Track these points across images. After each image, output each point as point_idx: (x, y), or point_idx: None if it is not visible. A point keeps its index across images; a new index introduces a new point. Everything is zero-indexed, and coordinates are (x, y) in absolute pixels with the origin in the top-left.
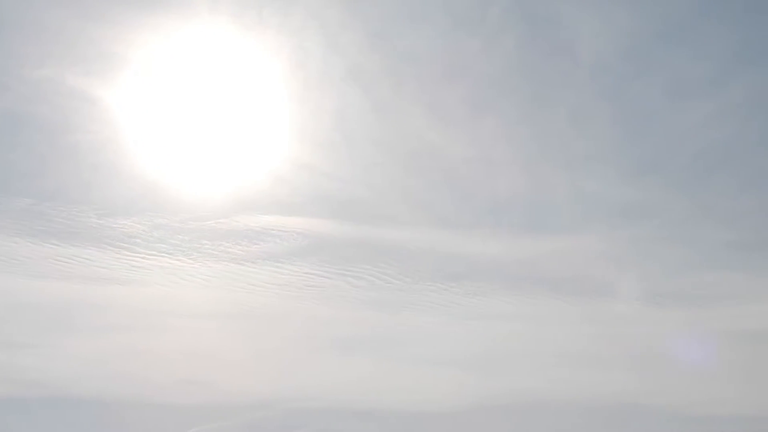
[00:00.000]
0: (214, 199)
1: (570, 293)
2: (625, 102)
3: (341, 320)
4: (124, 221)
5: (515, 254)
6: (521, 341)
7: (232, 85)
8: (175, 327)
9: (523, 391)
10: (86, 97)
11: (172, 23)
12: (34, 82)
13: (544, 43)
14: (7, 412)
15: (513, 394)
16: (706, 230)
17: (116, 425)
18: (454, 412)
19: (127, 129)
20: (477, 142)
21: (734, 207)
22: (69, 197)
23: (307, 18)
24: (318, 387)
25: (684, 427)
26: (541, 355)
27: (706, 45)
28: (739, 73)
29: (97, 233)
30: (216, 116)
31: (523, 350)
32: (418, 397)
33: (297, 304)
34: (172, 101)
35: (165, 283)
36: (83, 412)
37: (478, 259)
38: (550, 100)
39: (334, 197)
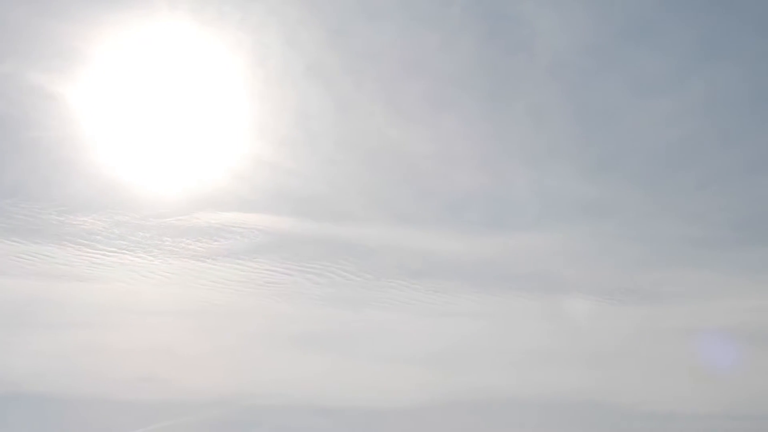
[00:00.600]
0: (175, 196)
1: (532, 290)
2: (585, 99)
3: (302, 317)
4: (85, 218)
5: (477, 251)
6: (484, 338)
7: (193, 81)
8: (135, 324)
9: (485, 388)
10: (46, 93)
11: (132, 19)
12: None
13: (504, 39)
14: None
15: (476, 391)
16: (667, 227)
17: (75, 422)
18: (415, 409)
19: (88, 126)
20: (437, 138)
21: (695, 204)
22: (29, 194)
23: (267, 14)
24: (278, 384)
25: (644, 424)
26: (503, 352)
27: (666, 42)
28: (699, 69)
29: (57, 230)
30: (176, 113)
31: (486, 347)
32: (379, 394)
33: (257, 300)
34: (132, 98)
35: (126, 280)
36: (42, 408)
37: (440, 256)
38: (511, 96)
39: (294, 194)
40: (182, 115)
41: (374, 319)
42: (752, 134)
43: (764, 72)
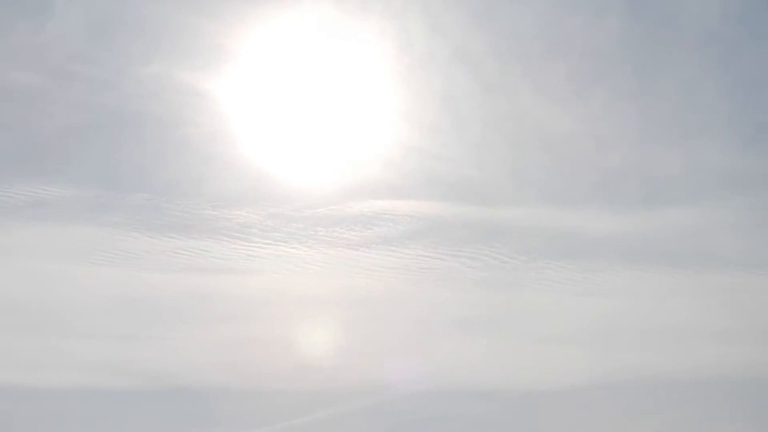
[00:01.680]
0: (326, 186)
1: (686, 266)
2: (736, 70)
3: (457, 301)
4: (239, 212)
5: (630, 229)
6: (638, 316)
7: (339, 72)
8: (292, 314)
9: (640, 367)
10: (195, 91)
11: (276, 13)
12: (142, 79)
13: (651, 13)
14: (126, 404)
15: (631, 370)
16: None
17: (234, 413)
18: (573, 390)
19: (237, 120)
20: (585, 117)
21: None
22: (183, 191)
23: (410, 1)
24: (434, 369)
25: None
26: (658, 330)
27: None
28: None
29: (212, 225)
30: (324, 103)
31: (641, 325)
32: (536, 376)
33: (412, 287)
34: (279, 91)
35: (281, 271)
36: (201, 401)
37: (593, 235)
38: (659, 70)
39: (444, 179)
40: (330, 106)
41: (529, 300)
42: None
43: None
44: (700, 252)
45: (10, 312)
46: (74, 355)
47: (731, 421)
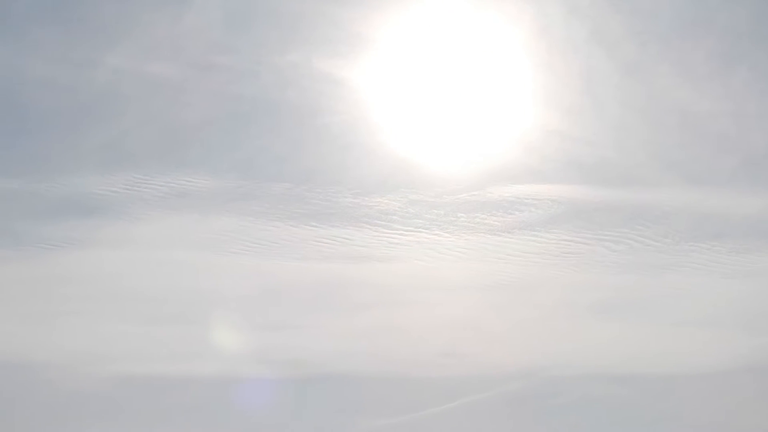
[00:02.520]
0: (466, 171)
1: None
2: None
3: (600, 285)
4: (380, 199)
5: None
6: None
7: (476, 56)
8: (434, 301)
9: None
10: (333, 79)
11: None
12: (282, 68)
13: None
14: (274, 392)
15: None
16: None
17: (377, 401)
18: (718, 373)
19: (376, 108)
20: (728, 96)
21: None
22: (324, 179)
23: None
24: (577, 354)
25: None
26: None
27: None
28: None
29: (353, 212)
30: (462, 88)
31: None
32: (680, 359)
33: (555, 272)
34: (417, 77)
35: (423, 258)
36: (346, 389)
37: (739, 215)
38: None
39: (585, 162)
40: (468, 91)
41: (675, 283)
42: None
43: None
44: None
45: (153, 303)
46: (217, 345)
47: None
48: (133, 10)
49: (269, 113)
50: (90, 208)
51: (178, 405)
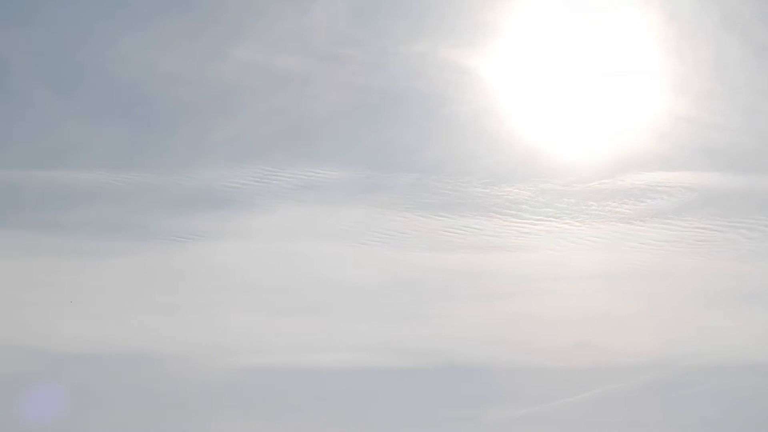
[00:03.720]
0: (597, 159)
1: None
2: None
3: (735, 274)
4: (509, 188)
5: None
6: None
7: (605, 43)
8: (566, 290)
9: None
10: (460, 68)
11: None
12: (409, 58)
13: None
14: (401, 383)
15: None
16: None
17: (509, 391)
18: None
19: (503, 96)
20: None
21: None
22: (452, 169)
23: None
24: (712, 343)
25: None
26: None
27: None
28: None
29: (483, 202)
30: (591, 76)
31: None
32: None
33: (688, 259)
34: (545, 65)
35: (553, 247)
36: (476, 379)
37: None
38: None
39: (717, 148)
40: (597, 78)
41: None
42: None
43: None
44: None
45: (283, 294)
46: (348, 336)
47: None
48: (259, 3)
49: (396, 104)
50: (220, 200)
51: (308, 396)
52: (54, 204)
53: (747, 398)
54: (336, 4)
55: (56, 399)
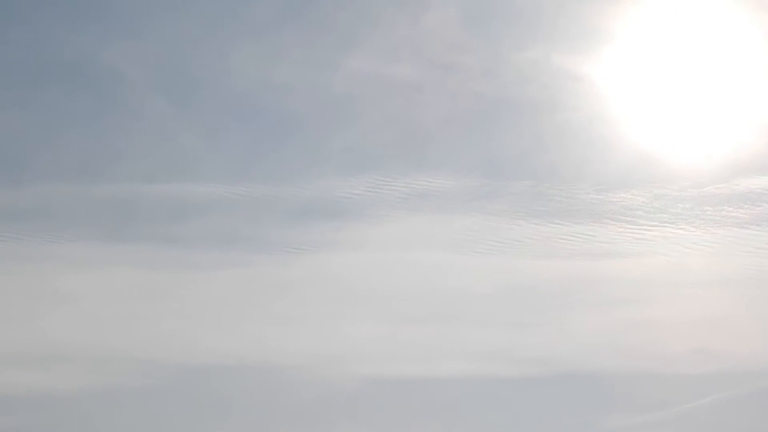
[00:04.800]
0: (712, 164)
1: None
2: None
3: None
4: (623, 194)
5: None
6: None
7: (716, 45)
8: (682, 296)
9: None
10: (573, 74)
11: None
12: (521, 65)
13: None
14: (519, 391)
15: None
16: None
17: (626, 398)
18: None
19: (616, 102)
20: None
21: None
22: (565, 176)
23: None
24: None
25: None
26: None
27: None
28: None
29: (596, 209)
30: (705, 79)
31: None
32: None
33: None
34: (657, 69)
35: (669, 253)
36: (593, 386)
37: None
38: None
39: None
40: (710, 81)
41: None
42: None
43: None
44: None
45: (398, 304)
46: (464, 344)
47: None
48: (372, 12)
49: (509, 111)
50: (333, 211)
51: (424, 405)
52: (170, 217)
53: None
54: (449, 11)
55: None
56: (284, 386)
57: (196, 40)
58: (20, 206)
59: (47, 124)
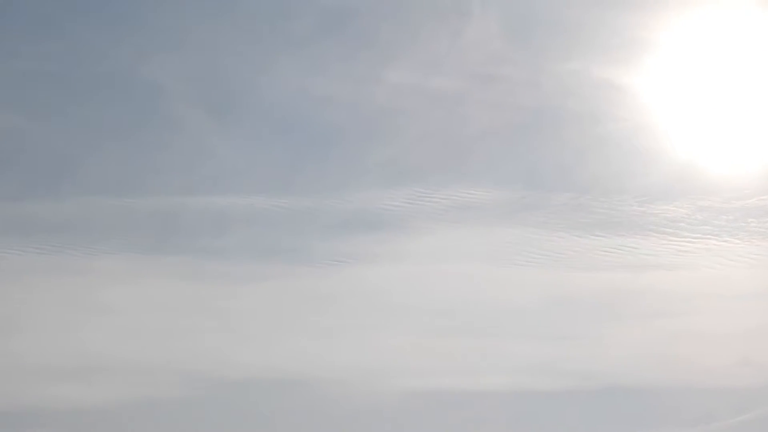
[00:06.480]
0: (756, 174)
1: None
2: None
3: None
4: (666, 206)
5: None
6: None
7: (759, 55)
8: (726, 309)
9: None
10: (614, 85)
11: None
12: (562, 76)
13: None
14: (561, 405)
15: None
16: None
17: (670, 412)
18: None
19: (658, 113)
20: None
21: None
22: (607, 187)
23: None
24: None
25: None
26: None
27: None
28: None
29: (639, 220)
30: (746, 89)
31: None
32: None
33: None
34: (699, 79)
35: (713, 266)
36: (637, 400)
37: None
38: None
39: None
40: (753, 91)
41: None
42: None
43: None
44: None
45: (438, 316)
46: (506, 358)
47: None
48: (412, 24)
49: (550, 122)
50: (374, 223)
51: (466, 419)
52: (210, 229)
53: None
54: (489, 23)
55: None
56: (323, 400)
57: (237, 52)
58: (60, 219)
59: (87, 137)
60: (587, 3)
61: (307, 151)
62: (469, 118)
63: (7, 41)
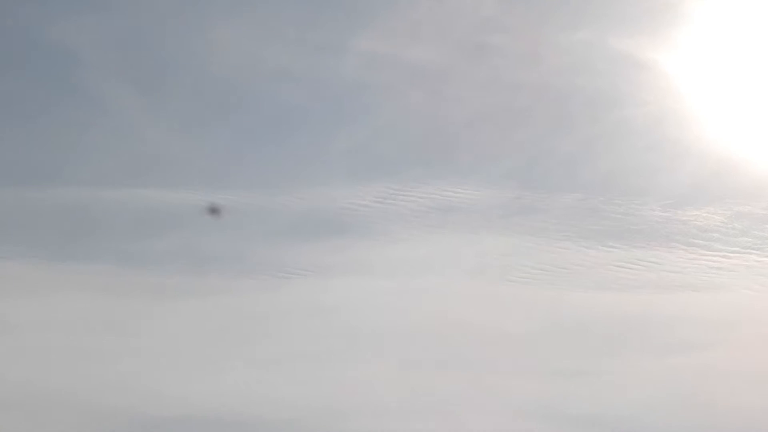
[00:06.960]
0: None
1: None
2: None
3: None
4: (697, 212)
5: None
6: None
7: None
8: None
9: None
10: (636, 61)
11: None
12: (570, 49)
13: None
14: None
15: None
16: None
17: None
18: None
19: (692, 98)
20: None
21: None
22: (625, 187)
23: None
24: None
25: None
26: None
27: None
28: None
29: (663, 229)
30: None
31: None
32: None
33: None
34: (740, 58)
35: (752, 286)
36: None
37: None
38: None
39: None
40: None
41: None
42: None
43: None
44: None
45: (415, 343)
46: (496, 397)
47: None
48: None
49: (555, 106)
50: (336, 226)
51: None
52: (134, 231)
53: None
54: None
55: None
56: None
57: (171, 13)
58: None
59: None
60: None
61: (255, 136)
62: (454, 98)
63: None
